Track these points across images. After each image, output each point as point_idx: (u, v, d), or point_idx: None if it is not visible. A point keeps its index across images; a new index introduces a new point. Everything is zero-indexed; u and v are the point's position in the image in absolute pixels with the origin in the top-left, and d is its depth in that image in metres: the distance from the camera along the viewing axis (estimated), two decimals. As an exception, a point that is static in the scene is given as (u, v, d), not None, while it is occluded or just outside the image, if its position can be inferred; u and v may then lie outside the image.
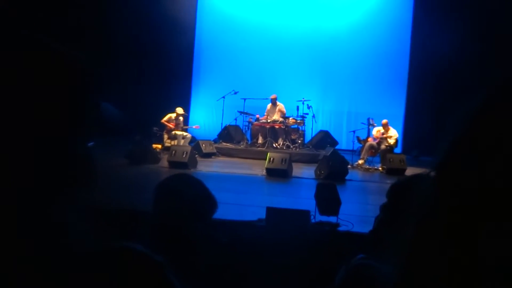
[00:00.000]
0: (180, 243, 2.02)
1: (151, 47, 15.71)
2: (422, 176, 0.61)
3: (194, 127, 14.12)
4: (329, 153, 11.86)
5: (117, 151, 11.15)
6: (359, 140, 12.89)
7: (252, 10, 16.75)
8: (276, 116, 13.94)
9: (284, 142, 13.41)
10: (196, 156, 11.54)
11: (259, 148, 13.28)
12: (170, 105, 13.98)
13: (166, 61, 15.96)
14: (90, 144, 0.81)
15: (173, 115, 13.20)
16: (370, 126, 12.96)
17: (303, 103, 14.01)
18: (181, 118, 13.41)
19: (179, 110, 13.30)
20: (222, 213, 2.42)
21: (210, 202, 2.14)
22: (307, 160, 12.76)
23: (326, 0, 16.63)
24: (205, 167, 10.94)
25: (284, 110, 14.09)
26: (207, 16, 17.12)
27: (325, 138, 14.29)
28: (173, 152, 10.58)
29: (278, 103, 14.17)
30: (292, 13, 16.62)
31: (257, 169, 10.91)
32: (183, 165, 10.26)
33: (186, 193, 2.11)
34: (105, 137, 6.02)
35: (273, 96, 14.15)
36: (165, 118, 13.17)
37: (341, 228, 5.87)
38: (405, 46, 16.15)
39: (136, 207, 5.61)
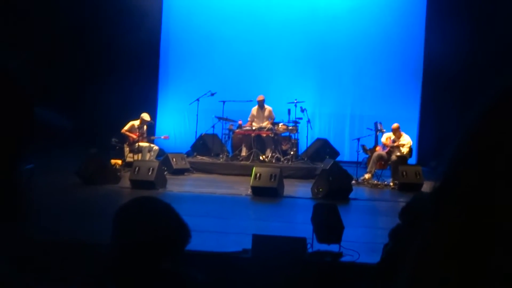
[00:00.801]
0: (145, 284, 2.00)
1: (106, 36, 15.64)
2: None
3: (162, 137, 14.05)
4: (328, 166, 11.87)
5: (67, 168, 11.07)
6: (365, 150, 12.94)
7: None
8: (264, 122, 13.96)
9: (273, 154, 13.42)
10: (165, 173, 11.50)
11: (242, 162, 13.28)
12: (132, 110, 13.90)
13: (125, 55, 15.88)
14: (29, 166, 0.80)
15: (136, 123, 13.14)
16: (378, 132, 13.03)
17: (295, 106, 14.05)
18: (145, 126, 13.36)
19: (145, 116, 13.25)
20: (197, 243, 2.41)
21: (182, 230, 2.13)
22: (301, 175, 12.79)
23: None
24: (176, 187, 10.91)
25: (273, 114, 14.13)
26: None
27: (323, 148, 14.32)
28: (137, 168, 10.54)
29: (266, 106, 14.19)
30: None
31: (241, 187, 10.91)
32: (149, 184, 10.22)
33: (152, 220, 2.10)
34: (49, 153, 5.98)
35: (259, 98, 14.16)
36: (127, 126, 13.11)
37: (344, 259, 5.88)
38: (419, 34, 16.27)
39: (89, 239, 5.55)
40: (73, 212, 7.93)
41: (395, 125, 12.67)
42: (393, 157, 12.30)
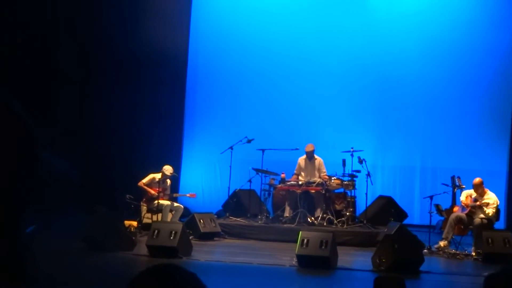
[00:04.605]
0: None
1: (120, 73, 15.97)
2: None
3: (188, 195, 14.06)
4: (393, 230, 11.73)
5: (71, 230, 11.17)
6: (439, 211, 12.77)
7: (273, 20, 16.90)
8: (314, 176, 13.90)
9: (325, 215, 13.33)
10: (191, 237, 11.52)
11: (286, 225, 13.22)
12: (151, 161, 14.04)
13: (144, 96, 16.15)
14: (30, 229, 0.80)
15: (157, 176, 13.20)
16: (456, 188, 12.87)
17: (352, 155, 13.99)
18: (169, 181, 13.43)
19: (167, 169, 13.27)
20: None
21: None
22: (360, 241, 12.67)
23: (388, 2, 16.77)
24: (204, 255, 10.90)
25: (324, 167, 14.05)
26: (204, 28, 17.36)
27: (387, 208, 14.19)
28: (156, 231, 10.57)
29: (316, 156, 14.12)
30: (335, 22, 16.77)
31: (284, 256, 10.84)
32: (171, 251, 10.22)
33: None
34: (52, 211, 6.07)
35: (309, 147, 14.09)
36: (146, 179, 13.17)
37: None
38: (508, 70, 16.09)
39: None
40: (77, 285, 7.95)
41: (477, 180, 12.50)
42: (476, 220, 12.10)
